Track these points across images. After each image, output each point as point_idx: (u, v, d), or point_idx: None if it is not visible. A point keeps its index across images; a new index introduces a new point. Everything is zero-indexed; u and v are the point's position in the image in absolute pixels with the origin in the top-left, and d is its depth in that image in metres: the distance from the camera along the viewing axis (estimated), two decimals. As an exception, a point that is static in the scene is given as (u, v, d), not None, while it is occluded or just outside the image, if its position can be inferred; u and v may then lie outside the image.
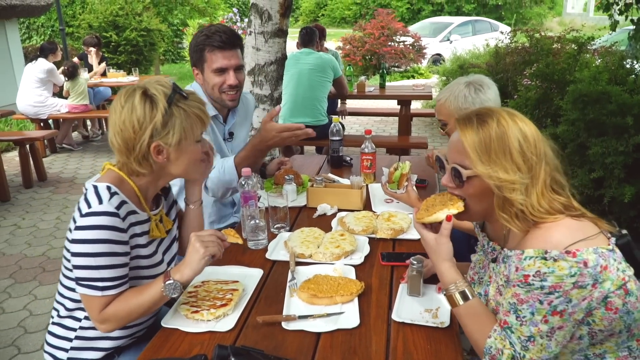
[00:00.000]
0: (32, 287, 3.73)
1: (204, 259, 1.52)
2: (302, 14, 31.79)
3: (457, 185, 1.44)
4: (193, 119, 1.56)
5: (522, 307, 1.28)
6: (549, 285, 1.24)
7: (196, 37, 2.36)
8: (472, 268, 1.67)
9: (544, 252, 1.26)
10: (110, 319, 1.54)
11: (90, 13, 13.08)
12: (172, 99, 1.53)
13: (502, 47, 7.45)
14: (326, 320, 1.58)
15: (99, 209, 1.47)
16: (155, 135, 1.52)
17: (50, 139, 7.22)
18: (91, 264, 1.48)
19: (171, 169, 1.62)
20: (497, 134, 1.34)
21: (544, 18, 26.88)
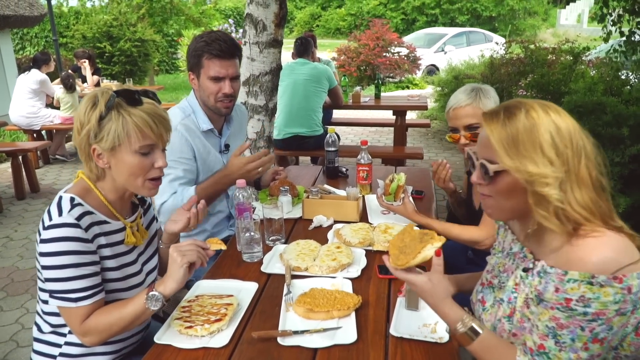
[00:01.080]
0: (24, 300, 3.67)
1: (182, 267, 1.51)
2: (297, 25, 31.93)
3: (486, 182, 1.35)
4: (131, 127, 1.49)
5: (562, 333, 1.21)
6: (592, 312, 1.16)
7: (195, 41, 2.34)
8: (489, 271, 1.57)
9: (590, 277, 1.16)
10: (92, 332, 1.52)
11: (84, 24, 13.08)
12: (112, 103, 1.48)
13: (497, 58, 7.48)
14: (323, 335, 1.54)
15: (58, 221, 1.46)
16: (92, 137, 1.50)
17: (43, 150, 7.16)
18: (60, 276, 1.46)
19: (115, 176, 1.57)
20: (525, 126, 1.25)
21: (538, 29, 27.08)
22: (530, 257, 1.37)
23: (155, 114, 1.54)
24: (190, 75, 2.39)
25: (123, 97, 1.50)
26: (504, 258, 1.52)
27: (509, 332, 1.36)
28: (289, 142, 5.18)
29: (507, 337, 1.36)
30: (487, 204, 1.39)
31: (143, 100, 1.53)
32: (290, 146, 5.22)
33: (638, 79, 5.05)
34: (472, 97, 2.18)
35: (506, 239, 1.53)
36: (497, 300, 1.45)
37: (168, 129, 1.59)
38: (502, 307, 1.40)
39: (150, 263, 1.79)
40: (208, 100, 2.36)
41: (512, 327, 1.35)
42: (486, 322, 1.45)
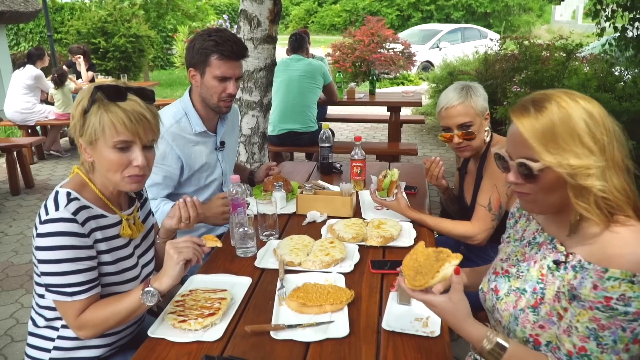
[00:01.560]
0: (18, 295, 3.68)
1: (178, 264, 1.52)
2: (292, 21, 31.90)
3: (527, 181, 1.29)
4: (106, 122, 1.49)
5: (603, 334, 1.18)
6: (633, 311, 1.14)
7: (202, 38, 2.30)
8: (503, 260, 1.54)
9: (632, 275, 1.13)
10: (87, 325, 1.53)
11: (79, 19, 13.03)
12: (94, 97, 1.49)
13: (492, 54, 7.50)
14: (315, 329, 1.56)
15: (55, 216, 1.47)
16: (77, 131, 1.53)
17: (38, 145, 7.15)
18: (56, 270, 1.47)
19: (99, 170, 1.58)
20: (559, 118, 1.21)
21: (533, 26, 27.11)
22: (561, 249, 1.33)
23: (134, 111, 1.51)
24: (192, 72, 2.36)
25: (104, 92, 1.50)
26: (523, 247, 1.48)
27: (533, 324, 1.33)
28: (284, 138, 5.18)
29: (532, 328, 1.33)
30: (527, 200, 1.35)
31: (128, 97, 1.52)
32: (285, 142, 5.22)
33: (631, 75, 5.08)
34: (462, 95, 2.19)
35: (528, 227, 1.50)
36: (513, 289, 1.42)
37: (147, 127, 1.54)
38: (524, 297, 1.37)
39: (146, 256, 1.80)
40: (210, 98, 2.36)
41: (537, 319, 1.32)
42: (502, 312, 1.42)
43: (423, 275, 1.33)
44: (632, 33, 5.22)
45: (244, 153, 3.99)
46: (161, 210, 2.31)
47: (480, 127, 2.22)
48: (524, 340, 1.35)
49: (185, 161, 2.36)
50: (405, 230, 2.22)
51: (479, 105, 2.19)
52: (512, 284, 1.44)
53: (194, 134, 2.40)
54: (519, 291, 1.40)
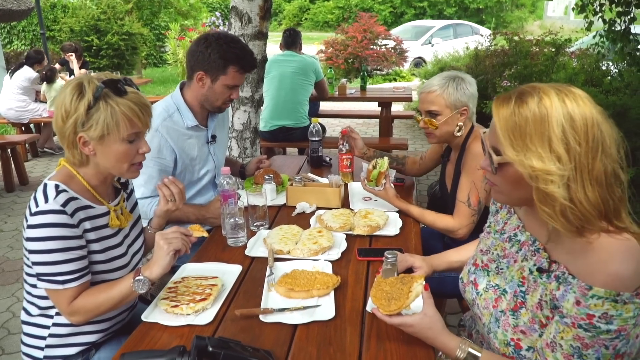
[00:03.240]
0: (15, 289, 3.73)
1: (168, 255, 1.59)
2: (285, 18, 31.88)
3: (491, 170, 1.30)
4: (119, 117, 1.55)
5: (587, 353, 1.17)
6: (614, 329, 1.14)
7: (219, 47, 2.31)
8: (484, 252, 1.55)
9: (616, 295, 1.12)
10: (80, 311, 1.59)
11: (72, 17, 13.02)
12: (100, 93, 1.53)
13: (482, 50, 7.57)
14: (303, 312, 1.62)
15: (45, 208, 1.51)
16: (79, 126, 1.54)
17: (32, 143, 7.18)
18: (47, 260, 1.53)
19: (100, 162, 1.63)
20: (535, 116, 1.16)
21: (525, 22, 27.23)
22: (545, 255, 1.31)
23: (141, 102, 1.60)
24: (201, 75, 2.36)
25: (110, 87, 1.55)
26: (503, 242, 1.48)
27: (514, 327, 1.33)
28: (276, 133, 5.24)
29: (513, 332, 1.33)
30: (495, 190, 1.35)
31: (127, 90, 1.58)
32: (277, 137, 5.28)
33: (619, 70, 5.15)
34: (441, 85, 2.24)
35: (509, 221, 1.50)
36: (491, 285, 1.45)
37: (151, 115, 1.65)
38: (504, 299, 1.38)
39: (135, 245, 1.86)
40: (215, 102, 2.42)
41: (517, 323, 1.33)
42: (482, 309, 1.45)
43: (397, 300, 1.44)
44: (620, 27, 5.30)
45: (236, 148, 4.04)
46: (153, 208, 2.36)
47: (450, 119, 2.25)
48: (505, 342, 1.35)
49: (178, 154, 2.42)
50: (391, 220, 2.28)
51: (452, 98, 2.23)
52: (491, 280, 1.47)
53: (186, 128, 2.46)
54: (498, 289, 1.43)
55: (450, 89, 2.23)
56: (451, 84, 2.23)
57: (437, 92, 2.24)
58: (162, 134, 2.36)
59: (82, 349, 1.73)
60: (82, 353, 1.73)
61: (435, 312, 1.43)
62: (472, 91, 2.27)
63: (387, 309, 1.44)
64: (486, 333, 1.44)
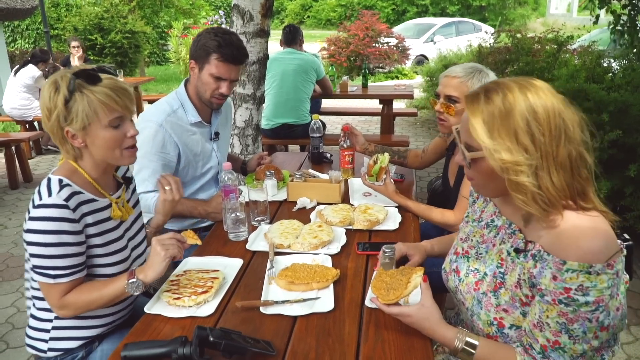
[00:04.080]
0: (19, 284, 3.77)
1: (164, 261, 1.61)
2: (287, 16, 31.92)
3: (466, 165, 1.37)
4: (96, 104, 1.56)
5: (573, 327, 1.24)
6: (592, 300, 1.21)
7: (207, 36, 2.38)
8: (463, 240, 1.61)
9: (589, 267, 1.19)
10: (69, 306, 1.62)
11: (76, 16, 13.07)
12: (73, 85, 1.54)
13: (485, 47, 7.58)
14: (302, 305, 1.65)
15: (48, 202, 1.54)
16: (62, 120, 1.57)
17: (36, 140, 7.23)
18: (44, 253, 1.55)
19: (93, 153, 1.65)
20: (500, 112, 1.25)
21: (528, 19, 27.15)
22: (521, 236, 1.38)
23: (116, 87, 1.60)
24: (192, 63, 2.45)
25: (82, 77, 1.56)
26: (481, 228, 1.55)
27: (496, 307, 1.39)
28: (277, 131, 5.27)
29: (496, 311, 1.39)
30: (474, 184, 1.44)
31: (101, 77, 1.60)
32: (279, 135, 5.31)
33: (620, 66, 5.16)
34: (466, 73, 2.22)
35: (486, 209, 1.56)
36: (471, 269, 1.51)
37: (131, 99, 1.65)
38: (485, 281, 1.44)
39: (136, 239, 1.88)
40: (204, 93, 2.45)
41: (499, 302, 1.39)
42: (465, 294, 1.50)
43: (395, 290, 1.48)
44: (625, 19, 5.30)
45: (238, 145, 4.07)
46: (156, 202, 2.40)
47: None
48: (488, 322, 1.42)
49: (182, 149, 2.45)
50: (390, 215, 2.31)
51: (473, 87, 2.20)
52: (471, 264, 1.52)
53: (189, 124, 2.49)
54: (478, 273, 1.48)
55: (475, 79, 2.21)
56: (476, 76, 2.21)
57: (462, 80, 2.22)
58: (166, 129, 2.39)
59: (85, 341, 1.76)
60: (85, 345, 1.76)
61: (432, 303, 1.46)
62: None
63: (385, 298, 1.48)
64: (469, 316, 1.49)
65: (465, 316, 1.55)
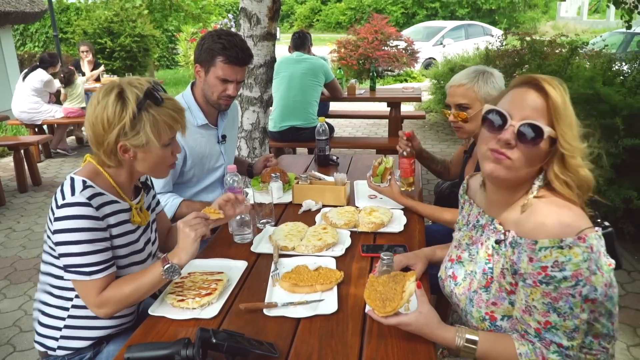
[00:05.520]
0: (26, 288, 3.79)
1: (196, 242, 1.62)
2: (297, 19, 32.00)
3: (523, 144, 1.34)
4: (161, 126, 1.63)
5: (559, 305, 1.28)
6: (570, 274, 1.24)
7: (211, 39, 2.40)
8: (457, 247, 1.64)
9: (559, 241, 1.24)
10: (109, 302, 1.62)
11: (85, 19, 13.17)
12: (143, 104, 1.59)
13: (492, 50, 7.56)
14: (306, 307, 1.65)
15: (71, 200, 1.56)
16: (122, 135, 1.60)
17: (45, 144, 7.28)
18: (74, 251, 1.57)
19: (137, 167, 1.71)
20: (564, 101, 1.34)
21: (538, 22, 27.06)
22: (500, 228, 1.44)
23: (177, 108, 1.68)
24: (197, 67, 2.47)
25: (149, 98, 1.60)
26: (470, 231, 1.59)
27: (487, 302, 1.44)
28: (285, 133, 5.27)
29: (486, 306, 1.44)
30: (504, 165, 1.36)
31: (162, 97, 1.64)
32: (286, 137, 5.31)
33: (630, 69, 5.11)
34: (470, 78, 2.25)
35: (472, 212, 1.61)
36: (468, 273, 1.54)
37: (185, 118, 1.73)
38: (476, 279, 1.48)
39: (150, 244, 1.89)
40: (211, 95, 2.46)
41: (489, 297, 1.43)
42: (460, 296, 1.54)
43: (391, 301, 1.45)
44: None
45: (245, 148, 4.08)
46: (170, 204, 2.42)
47: (480, 113, 2.25)
48: (480, 319, 1.45)
49: (188, 152, 2.47)
50: (395, 217, 2.30)
51: (483, 91, 2.23)
52: (467, 268, 1.56)
53: (196, 126, 2.50)
54: (472, 274, 1.52)
55: (481, 82, 2.24)
56: (481, 78, 2.24)
57: (468, 85, 2.26)
58: None
59: (94, 342, 1.77)
60: (94, 346, 1.77)
61: (429, 308, 1.46)
62: (501, 85, 2.27)
63: (382, 310, 1.45)
64: (464, 316, 1.53)
65: (461, 317, 1.58)
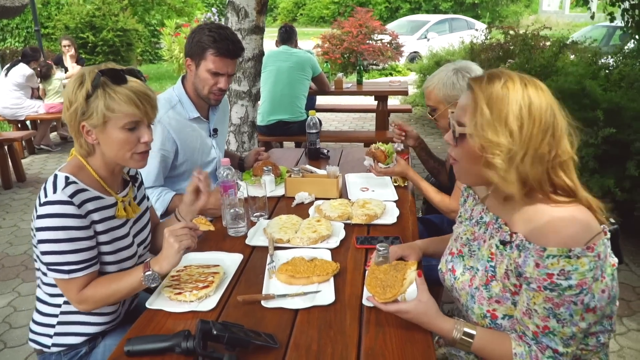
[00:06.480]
0: (15, 284, 3.76)
1: (179, 253, 1.60)
2: (280, 14, 31.86)
3: (454, 144, 1.43)
4: (116, 104, 1.56)
5: (560, 311, 1.28)
6: (575, 284, 1.25)
7: (201, 32, 2.39)
8: (456, 240, 1.65)
9: (568, 251, 1.24)
10: (88, 300, 1.63)
11: (67, 14, 13.00)
12: (98, 82, 1.55)
13: (477, 44, 7.61)
14: (303, 298, 1.66)
15: (53, 198, 1.55)
16: (80, 115, 1.57)
17: (28, 140, 7.19)
18: (54, 249, 1.56)
19: (104, 151, 1.65)
20: (497, 95, 1.31)
21: (520, 16, 27.23)
22: (506, 229, 1.42)
23: (140, 91, 1.60)
24: (188, 61, 2.46)
25: (108, 76, 1.57)
26: (472, 226, 1.59)
27: (489, 299, 1.44)
28: (273, 128, 5.26)
29: (488, 303, 1.44)
30: (455, 168, 1.48)
31: (128, 79, 1.60)
32: (275, 132, 5.30)
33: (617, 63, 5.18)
34: (435, 81, 2.36)
35: (475, 207, 1.61)
36: (467, 268, 1.55)
37: (153, 105, 1.66)
38: (477, 276, 1.49)
39: (141, 235, 1.88)
40: (202, 89, 2.46)
41: (491, 295, 1.43)
42: (460, 290, 1.54)
43: (392, 288, 1.47)
44: None
45: (233, 142, 4.07)
46: (162, 199, 2.41)
47: (446, 112, 2.31)
48: (481, 315, 1.46)
49: (180, 145, 2.46)
50: (388, 209, 2.32)
51: (442, 93, 2.32)
52: (466, 263, 1.56)
53: (188, 120, 2.50)
54: (472, 270, 1.52)
55: (440, 84, 2.31)
56: (441, 80, 2.31)
57: (430, 89, 2.37)
58: (164, 126, 2.40)
59: (88, 337, 1.76)
60: (89, 341, 1.77)
61: (429, 297, 1.47)
62: (463, 84, 2.29)
63: (382, 296, 1.47)
64: (464, 311, 1.54)
65: (462, 312, 1.58)
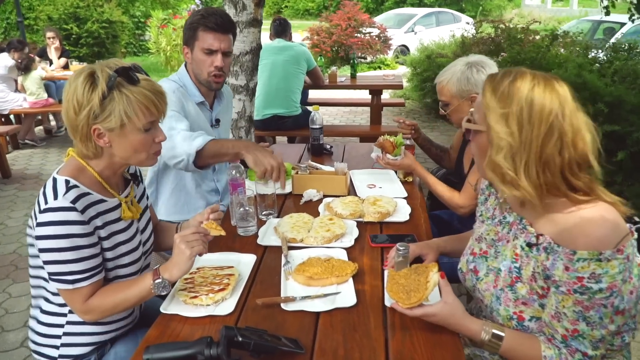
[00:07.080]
0: (5, 285, 3.65)
1: (190, 260, 1.54)
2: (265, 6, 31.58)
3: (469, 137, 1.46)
4: (135, 106, 1.49)
5: (590, 314, 1.27)
6: (605, 287, 1.24)
7: (192, 16, 2.41)
8: (479, 240, 1.62)
9: (598, 254, 1.22)
10: (95, 310, 1.54)
11: (50, 4, 12.74)
12: (114, 83, 1.47)
13: (468, 37, 7.60)
14: (324, 300, 1.61)
15: (54, 205, 1.45)
16: (93, 118, 1.48)
17: (13, 135, 7.01)
18: (57, 258, 1.47)
19: (116, 153, 1.57)
20: (503, 93, 1.31)
21: (504, 10, 27.33)
22: (532, 230, 1.40)
23: (155, 90, 1.54)
24: (185, 49, 2.45)
25: (123, 76, 1.49)
26: (495, 226, 1.56)
27: (515, 301, 1.42)
28: (268, 122, 5.19)
29: (515, 305, 1.42)
30: (476, 164, 1.50)
31: (139, 77, 1.52)
32: (269, 126, 5.23)
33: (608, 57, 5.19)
34: (444, 75, 2.35)
35: (498, 206, 1.57)
36: (491, 269, 1.52)
37: (167, 103, 1.60)
38: (501, 277, 1.47)
39: (145, 234, 1.81)
40: (201, 73, 2.41)
41: (517, 296, 1.41)
42: (484, 292, 1.51)
43: (416, 292, 1.43)
44: None
45: (231, 137, 3.99)
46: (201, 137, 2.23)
47: (459, 107, 2.33)
48: (508, 317, 1.44)
49: (191, 121, 2.38)
50: (400, 207, 2.28)
51: (455, 88, 2.31)
52: (490, 264, 1.54)
53: (195, 103, 2.47)
54: (495, 270, 1.50)
55: (454, 78, 2.30)
56: (455, 75, 2.30)
57: (443, 84, 2.35)
58: (179, 96, 2.38)
59: (96, 347, 1.69)
60: (97, 349, 1.69)
61: (454, 298, 1.44)
62: (480, 78, 2.27)
63: (407, 302, 1.43)
64: (489, 313, 1.51)
65: (484, 312, 1.55)
